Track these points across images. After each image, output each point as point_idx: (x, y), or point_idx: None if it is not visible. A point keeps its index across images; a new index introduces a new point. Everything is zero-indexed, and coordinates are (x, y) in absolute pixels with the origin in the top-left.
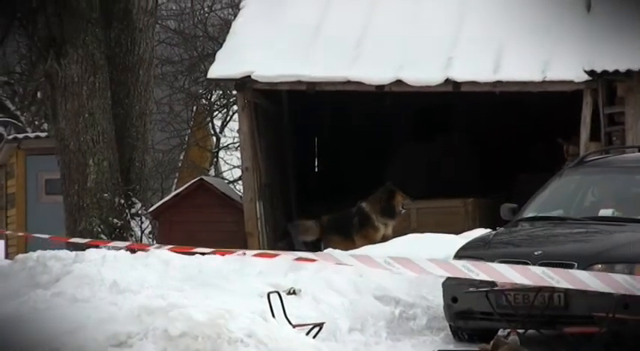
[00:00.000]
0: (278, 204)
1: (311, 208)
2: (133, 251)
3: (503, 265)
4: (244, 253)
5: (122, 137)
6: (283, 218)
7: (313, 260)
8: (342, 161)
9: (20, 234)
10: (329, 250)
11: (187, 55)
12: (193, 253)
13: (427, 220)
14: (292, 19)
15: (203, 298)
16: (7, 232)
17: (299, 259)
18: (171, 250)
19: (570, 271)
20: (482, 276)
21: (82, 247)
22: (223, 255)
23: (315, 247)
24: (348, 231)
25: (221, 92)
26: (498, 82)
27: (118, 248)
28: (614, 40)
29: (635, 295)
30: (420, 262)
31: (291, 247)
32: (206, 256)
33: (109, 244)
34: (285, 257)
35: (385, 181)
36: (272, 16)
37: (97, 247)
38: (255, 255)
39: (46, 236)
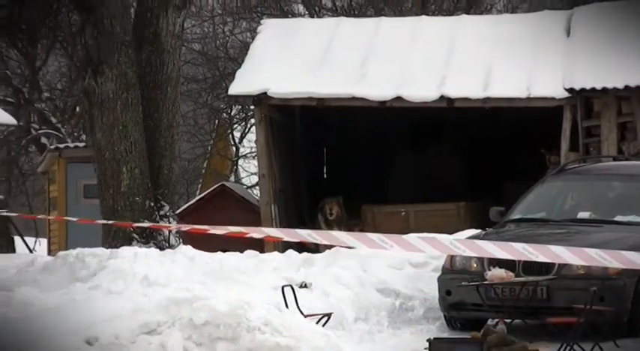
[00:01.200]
0: (291, 207)
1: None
2: (161, 249)
3: (486, 241)
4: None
5: (152, 147)
6: (295, 220)
7: (315, 243)
8: (348, 169)
9: (51, 217)
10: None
11: (210, 74)
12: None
13: (423, 222)
14: (304, 42)
15: (224, 291)
16: (40, 217)
17: (302, 241)
18: (190, 230)
19: (547, 246)
20: (468, 252)
21: (116, 245)
22: (236, 236)
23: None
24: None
25: (240, 107)
26: (488, 99)
27: (148, 245)
28: (591, 61)
29: (610, 288)
30: (410, 239)
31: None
32: (227, 253)
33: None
34: (289, 238)
35: (386, 187)
36: (286, 39)
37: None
38: (264, 237)
39: (74, 219)
